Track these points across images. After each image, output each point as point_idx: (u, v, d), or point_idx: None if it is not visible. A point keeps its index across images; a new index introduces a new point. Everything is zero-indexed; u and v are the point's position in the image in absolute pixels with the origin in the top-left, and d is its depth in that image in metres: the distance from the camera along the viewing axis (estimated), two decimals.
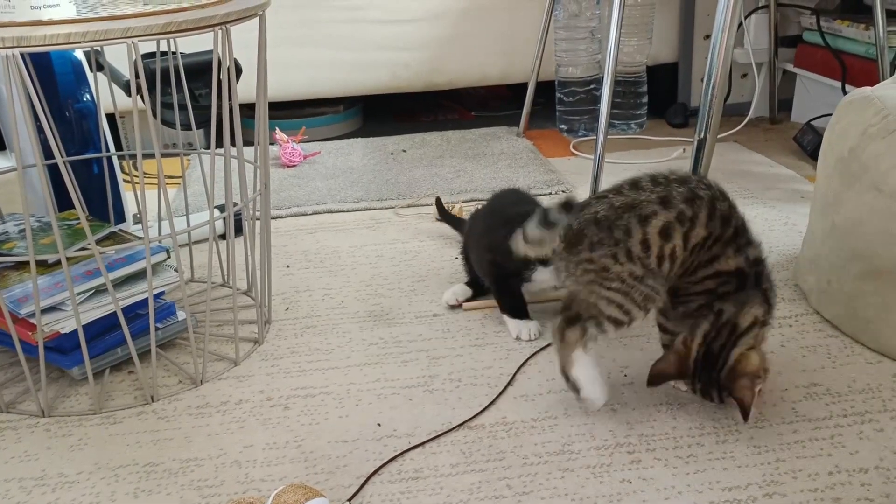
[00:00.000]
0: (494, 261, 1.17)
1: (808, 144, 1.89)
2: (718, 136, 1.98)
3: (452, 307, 1.25)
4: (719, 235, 0.92)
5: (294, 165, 1.97)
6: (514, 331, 1.16)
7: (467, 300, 1.26)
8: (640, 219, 0.91)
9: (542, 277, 1.14)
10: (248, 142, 1.98)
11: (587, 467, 0.88)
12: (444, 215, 1.54)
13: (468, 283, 1.27)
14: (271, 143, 2.01)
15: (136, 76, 0.90)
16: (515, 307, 1.18)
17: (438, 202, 1.55)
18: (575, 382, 0.94)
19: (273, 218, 1.64)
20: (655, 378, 0.95)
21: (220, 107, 1.01)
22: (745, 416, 0.88)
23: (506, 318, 1.18)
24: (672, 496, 0.83)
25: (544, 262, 1.13)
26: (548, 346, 1.13)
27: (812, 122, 1.93)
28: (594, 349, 0.94)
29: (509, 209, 1.22)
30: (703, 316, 0.93)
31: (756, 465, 0.87)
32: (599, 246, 0.92)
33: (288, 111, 2.25)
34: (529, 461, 0.90)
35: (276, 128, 2.03)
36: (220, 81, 0.98)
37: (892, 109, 1.05)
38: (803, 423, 0.94)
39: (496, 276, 1.18)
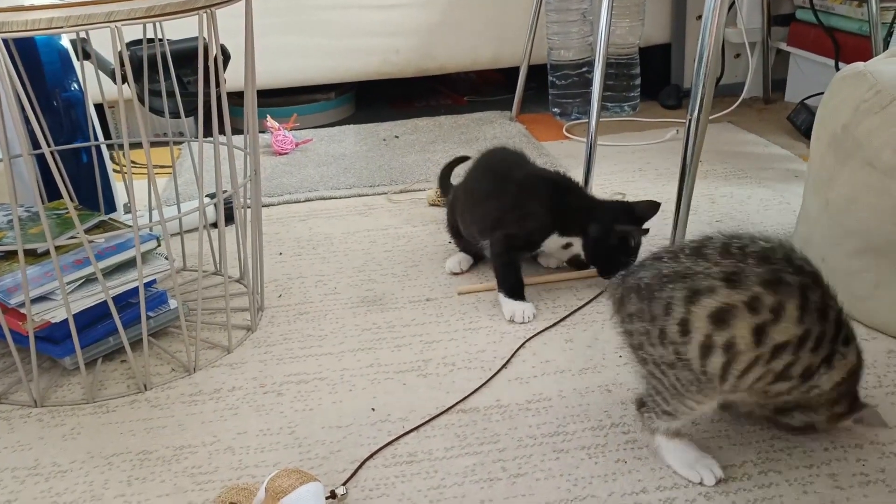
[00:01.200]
0: (507, 234, 1.17)
1: (802, 123, 1.88)
2: (712, 117, 1.97)
3: (455, 275, 1.28)
4: (821, 334, 0.74)
5: (286, 153, 1.96)
6: (507, 312, 1.15)
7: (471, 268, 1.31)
8: (687, 293, 0.74)
9: (551, 245, 1.17)
10: (239, 130, 1.97)
11: (582, 448, 0.88)
12: (444, 180, 1.54)
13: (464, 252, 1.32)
14: (262, 131, 2.00)
15: (122, 63, 0.89)
16: (514, 287, 1.17)
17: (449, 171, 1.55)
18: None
19: (265, 205, 1.63)
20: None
21: (207, 94, 1.00)
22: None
23: (501, 298, 1.17)
24: (667, 475, 0.83)
25: (561, 229, 1.15)
26: (544, 330, 1.12)
27: (806, 101, 1.92)
28: (685, 433, 0.84)
29: (508, 173, 1.25)
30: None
31: (751, 443, 0.87)
32: (637, 318, 0.79)
33: (280, 98, 2.24)
34: (524, 443, 0.89)
35: (268, 115, 2.02)
36: (206, 68, 0.97)
37: (885, 84, 1.04)
38: None
39: (505, 249, 1.18)
